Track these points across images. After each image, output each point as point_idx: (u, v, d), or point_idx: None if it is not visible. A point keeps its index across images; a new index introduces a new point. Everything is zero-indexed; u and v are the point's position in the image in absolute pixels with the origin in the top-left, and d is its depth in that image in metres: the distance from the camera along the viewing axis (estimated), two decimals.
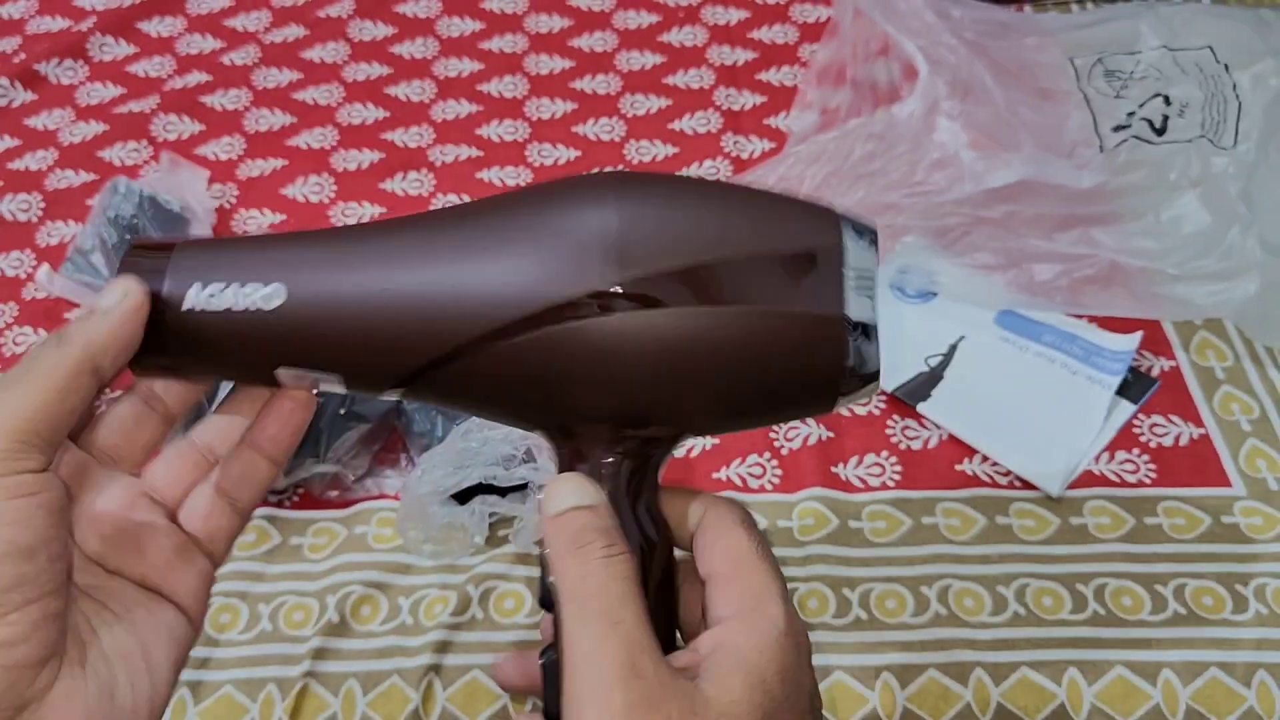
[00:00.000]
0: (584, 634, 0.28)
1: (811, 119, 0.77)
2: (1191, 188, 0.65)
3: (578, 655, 0.28)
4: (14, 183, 0.77)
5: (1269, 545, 0.56)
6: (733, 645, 0.29)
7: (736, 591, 0.31)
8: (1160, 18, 0.71)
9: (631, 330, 0.29)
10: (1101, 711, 0.50)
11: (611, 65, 0.84)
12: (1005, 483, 0.59)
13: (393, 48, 0.86)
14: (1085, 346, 0.63)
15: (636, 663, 0.28)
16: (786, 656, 0.30)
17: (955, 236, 0.66)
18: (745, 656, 0.29)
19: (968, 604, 0.54)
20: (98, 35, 0.86)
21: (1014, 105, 0.64)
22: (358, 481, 0.59)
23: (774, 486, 0.59)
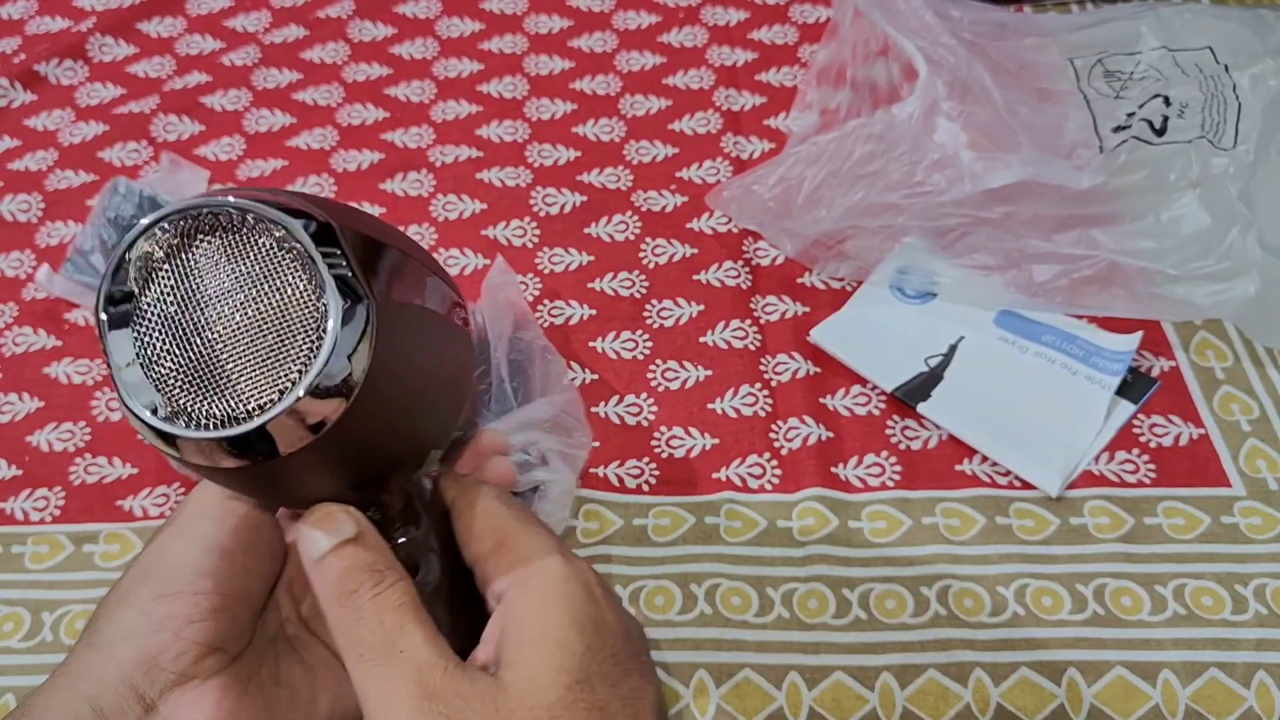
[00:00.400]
0: (370, 679, 0.27)
1: (811, 119, 0.77)
2: (1191, 188, 0.65)
3: (372, 702, 0.27)
4: (14, 183, 0.77)
5: (1269, 545, 0.56)
6: (515, 619, 0.28)
7: (505, 562, 0.29)
8: (1160, 18, 0.71)
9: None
10: (1101, 712, 0.50)
11: (611, 66, 0.84)
12: (1005, 483, 0.59)
13: (393, 48, 0.86)
14: (1085, 347, 0.63)
15: (427, 683, 0.26)
16: (576, 605, 0.28)
17: (955, 237, 0.66)
18: (530, 625, 0.28)
19: (967, 604, 0.54)
20: (98, 36, 0.86)
21: (1013, 106, 0.64)
22: None
23: (773, 486, 0.59)
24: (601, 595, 0.29)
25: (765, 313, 0.67)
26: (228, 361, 0.25)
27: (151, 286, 0.26)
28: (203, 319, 0.25)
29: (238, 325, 0.25)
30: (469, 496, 0.31)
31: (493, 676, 0.27)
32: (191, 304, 0.25)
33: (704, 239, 0.71)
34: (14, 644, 0.54)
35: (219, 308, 0.25)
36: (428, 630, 0.27)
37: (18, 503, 0.60)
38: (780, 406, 0.62)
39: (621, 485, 0.59)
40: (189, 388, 0.25)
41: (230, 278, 0.25)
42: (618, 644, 0.28)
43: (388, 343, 0.25)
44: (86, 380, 0.65)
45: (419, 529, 0.31)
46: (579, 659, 0.27)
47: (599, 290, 0.69)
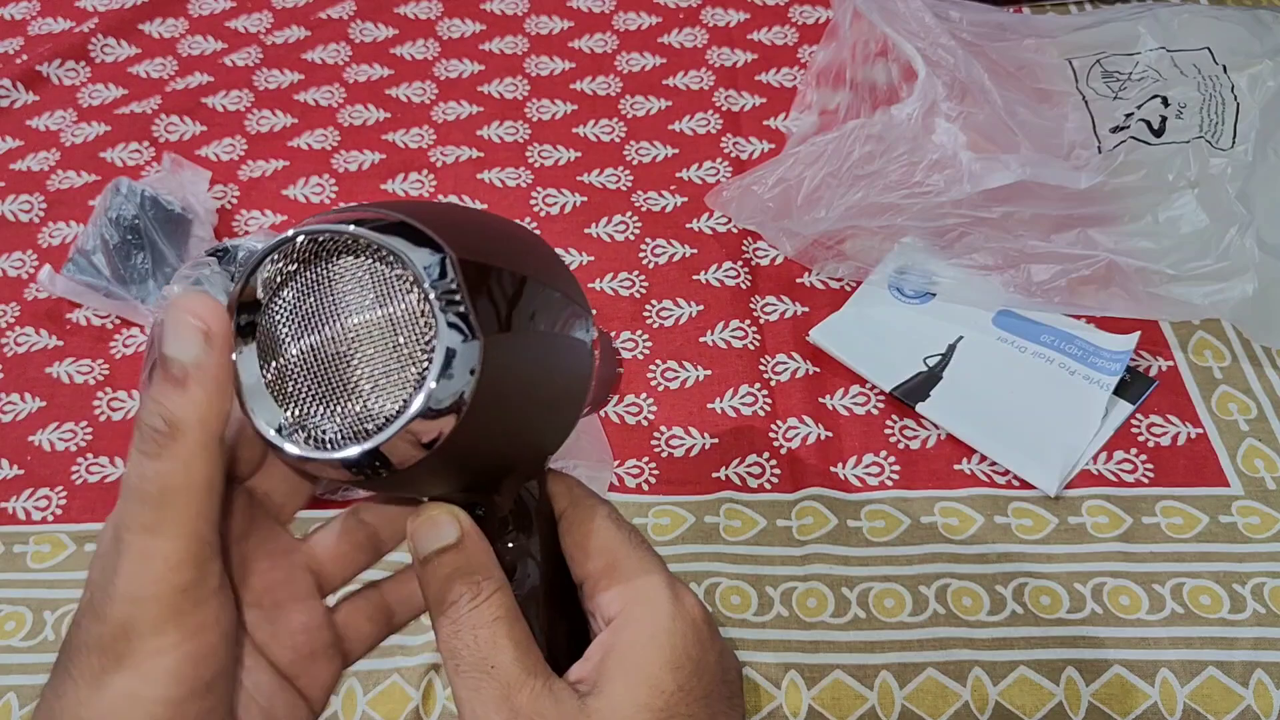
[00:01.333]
0: (462, 690, 0.28)
1: (811, 120, 0.77)
2: (1189, 188, 0.65)
3: (464, 714, 0.27)
4: (16, 183, 0.77)
5: (1266, 545, 0.56)
6: (615, 648, 0.28)
7: (615, 588, 0.30)
8: (1158, 19, 0.71)
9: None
10: (1099, 710, 0.50)
11: (612, 66, 0.84)
12: (1003, 482, 0.59)
13: (394, 49, 0.86)
14: (1083, 346, 0.63)
15: (513, 701, 0.27)
16: (677, 644, 0.28)
17: (953, 237, 0.66)
18: (627, 657, 0.28)
19: (966, 603, 0.54)
20: (99, 36, 0.87)
21: (1012, 106, 0.64)
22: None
23: (773, 486, 0.59)
24: (707, 635, 0.29)
25: (765, 312, 0.67)
26: (349, 378, 0.26)
27: (278, 300, 0.27)
28: (320, 337, 0.26)
29: (351, 344, 0.26)
30: (582, 511, 0.31)
31: (581, 700, 0.27)
32: (313, 321, 0.26)
33: (704, 239, 0.71)
34: (16, 643, 0.55)
35: (336, 326, 0.26)
36: (520, 645, 0.28)
37: (19, 502, 0.60)
38: (779, 406, 0.63)
39: (621, 485, 0.60)
40: (306, 401, 0.26)
41: (351, 300, 0.26)
42: (712, 686, 0.28)
43: (496, 370, 0.25)
44: (88, 380, 0.66)
45: (527, 532, 0.31)
46: (666, 698, 0.27)
47: (599, 290, 0.69)
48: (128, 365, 0.66)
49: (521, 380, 0.28)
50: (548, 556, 0.32)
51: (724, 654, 0.30)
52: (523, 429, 0.29)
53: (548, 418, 0.30)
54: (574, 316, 0.30)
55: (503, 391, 0.26)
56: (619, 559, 0.30)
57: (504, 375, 0.26)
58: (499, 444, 0.29)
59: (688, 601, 0.29)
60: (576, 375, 0.31)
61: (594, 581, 0.30)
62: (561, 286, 0.30)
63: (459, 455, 0.26)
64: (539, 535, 0.31)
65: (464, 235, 0.26)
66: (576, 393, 0.31)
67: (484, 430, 0.26)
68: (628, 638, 0.28)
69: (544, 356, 0.28)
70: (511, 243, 0.30)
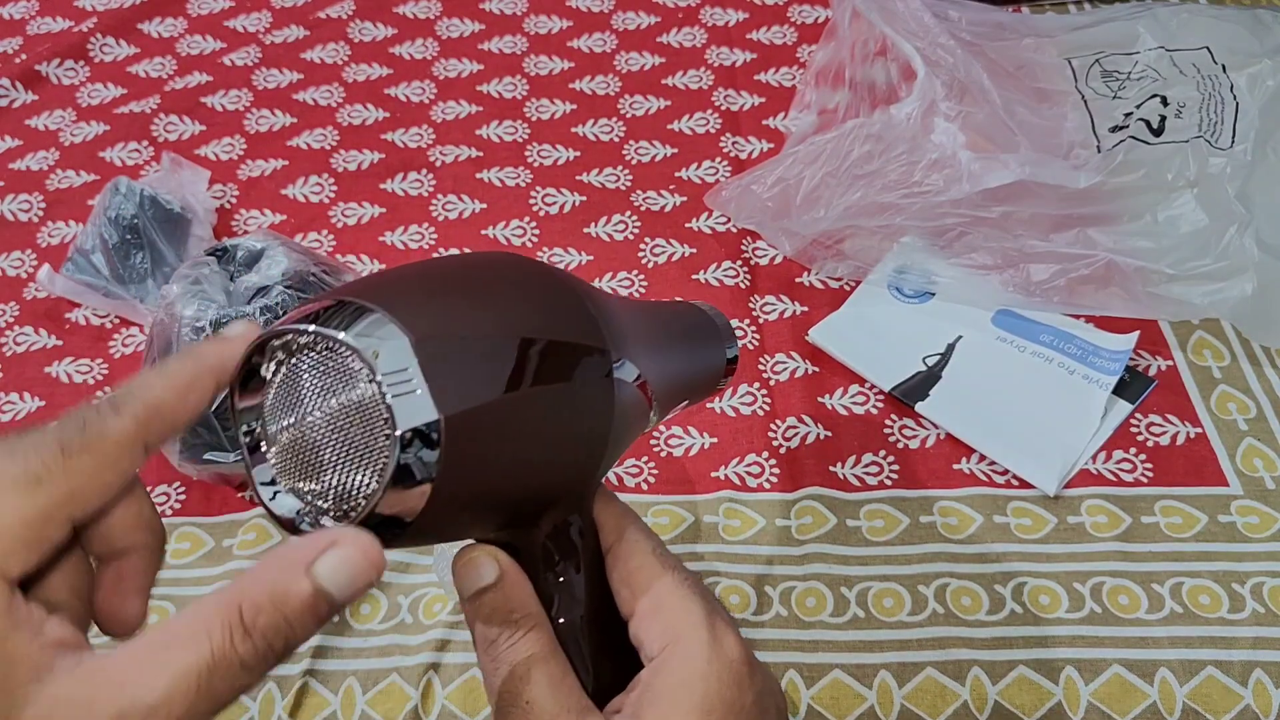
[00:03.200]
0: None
1: (810, 119, 0.77)
2: (1188, 188, 0.65)
3: None
4: (15, 183, 0.77)
5: (1265, 544, 0.56)
6: (652, 688, 0.29)
7: (657, 627, 0.30)
8: (1157, 19, 0.71)
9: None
10: (1098, 710, 0.50)
11: (611, 66, 0.84)
12: (1002, 482, 0.59)
13: (393, 49, 0.86)
14: (1082, 346, 0.63)
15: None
16: (711, 688, 0.29)
17: (953, 237, 0.66)
18: (660, 698, 0.28)
19: (965, 602, 0.54)
20: (99, 36, 0.87)
21: (1011, 106, 0.64)
22: None
23: (772, 485, 0.59)
24: (745, 676, 0.30)
25: (764, 312, 0.67)
26: (324, 463, 0.27)
27: (266, 400, 0.29)
28: (296, 430, 0.28)
29: (323, 434, 0.27)
30: (628, 546, 0.32)
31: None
32: (289, 414, 0.28)
33: (703, 239, 0.71)
34: None
35: (307, 420, 0.28)
36: (555, 681, 0.28)
37: None
38: (779, 405, 0.63)
39: (620, 484, 0.59)
40: (300, 485, 0.28)
41: (315, 395, 0.27)
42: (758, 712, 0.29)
43: (464, 439, 0.27)
44: (87, 379, 0.66)
45: (574, 565, 0.32)
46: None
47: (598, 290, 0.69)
48: (127, 365, 0.66)
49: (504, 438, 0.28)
50: (593, 589, 0.32)
51: (764, 694, 0.30)
52: (526, 476, 0.30)
53: (558, 460, 0.30)
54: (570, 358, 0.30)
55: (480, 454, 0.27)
56: (663, 600, 0.30)
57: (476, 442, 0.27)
58: (499, 496, 0.29)
59: (727, 642, 0.30)
60: (585, 413, 0.31)
61: (639, 619, 0.30)
62: (558, 330, 0.30)
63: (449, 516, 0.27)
64: (585, 568, 0.32)
65: (430, 308, 0.27)
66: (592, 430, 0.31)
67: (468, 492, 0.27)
68: (662, 679, 0.29)
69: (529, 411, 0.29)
70: (492, 299, 0.30)
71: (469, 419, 0.27)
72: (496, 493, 0.29)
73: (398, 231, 0.73)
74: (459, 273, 0.31)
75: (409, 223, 0.73)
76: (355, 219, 0.74)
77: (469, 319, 0.28)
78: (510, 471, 0.29)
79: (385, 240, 0.72)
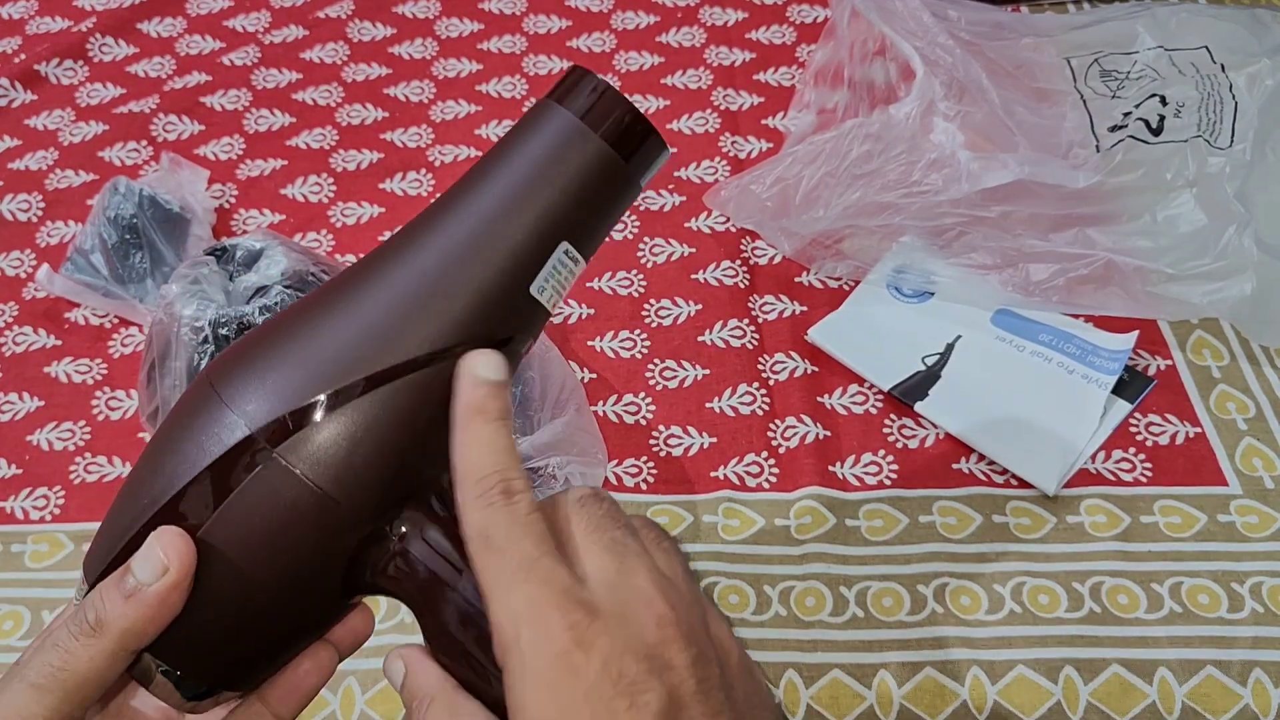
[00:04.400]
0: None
1: (809, 119, 0.77)
2: (1187, 187, 0.65)
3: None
4: (14, 183, 0.77)
5: (1265, 544, 0.56)
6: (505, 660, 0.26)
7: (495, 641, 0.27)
8: (1156, 18, 0.71)
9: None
10: (1097, 709, 0.50)
11: (610, 66, 0.84)
12: (1001, 481, 0.59)
13: (392, 48, 0.86)
14: (1081, 346, 0.63)
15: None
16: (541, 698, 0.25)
17: (952, 236, 0.66)
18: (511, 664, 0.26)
19: (964, 602, 0.54)
20: (98, 36, 0.87)
21: (1010, 106, 0.64)
22: None
23: (771, 485, 0.59)
24: (576, 657, 0.25)
25: (763, 312, 0.67)
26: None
27: None
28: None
29: None
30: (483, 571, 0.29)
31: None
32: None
33: (702, 238, 0.71)
34: (14, 642, 0.55)
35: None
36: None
37: (18, 501, 0.60)
38: (778, 405, 0.63)
39: (620, 484, 0.59)
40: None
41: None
42: (608, 683, 0.25)
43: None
44: (86, 380, 0.66)
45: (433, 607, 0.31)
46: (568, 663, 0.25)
47: (597, 289, 0.69)
48: (126, 364, 0.66)
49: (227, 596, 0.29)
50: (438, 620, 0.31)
51: (614, 653, 0.26)
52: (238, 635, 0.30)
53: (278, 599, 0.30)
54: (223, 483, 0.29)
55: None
56: (491, 607, 0.28)
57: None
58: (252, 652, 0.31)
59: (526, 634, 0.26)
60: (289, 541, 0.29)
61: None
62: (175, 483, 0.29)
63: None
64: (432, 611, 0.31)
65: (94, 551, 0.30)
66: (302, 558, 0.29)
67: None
68: (511, 704, 0.26)
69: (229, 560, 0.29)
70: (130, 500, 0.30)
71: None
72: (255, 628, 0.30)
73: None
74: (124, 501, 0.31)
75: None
76: (355, 219, 0.74)
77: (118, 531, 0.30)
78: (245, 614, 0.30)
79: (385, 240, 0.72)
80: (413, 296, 0.30)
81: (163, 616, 0.28)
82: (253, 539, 0.29)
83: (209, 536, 0.29)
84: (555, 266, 0.31)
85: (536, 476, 0.55)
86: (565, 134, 0.32)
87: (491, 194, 0.31)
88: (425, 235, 0.31)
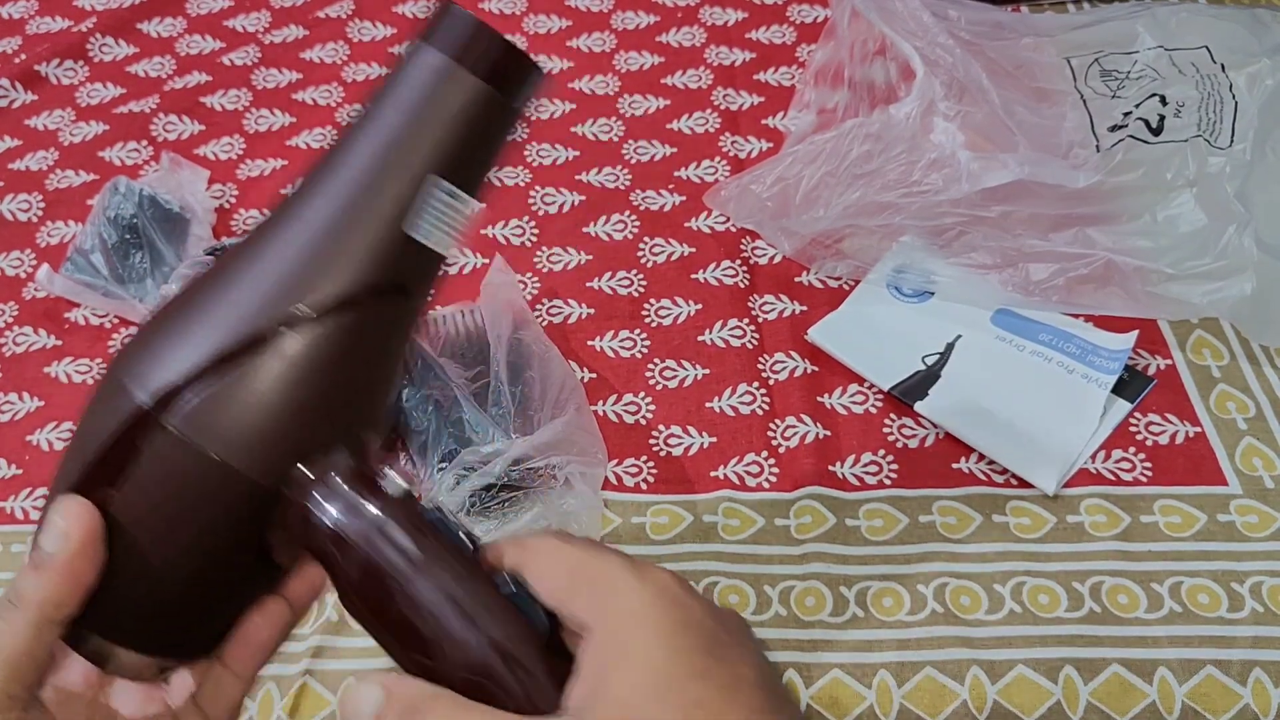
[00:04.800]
0: None
1: (809, 119, 0.77)
2: (1187, 187, 0.65)
3: None
4: (14, 183, 0.77)
5: (1265, 543, 0.56)
6: (596, 649, 0.28)
7: (581, 598, 0.29)
8: (1156, 18, 0.71)
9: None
10: (1097, 709, 0.50)
11: (610, 66, 0.84)
12: (1001, 481, 0.59)
13: (392, 48, 0.86)
14: (1081, 345, 0.63)
15: None
16: (654, 614, 0.27)
17: (952, 236, 0.66)
18: (609, 650, 0.27)
19: (964, 602, 0.54)
20: (98, 36, 0.87)
21: (1010, 105, 0.64)
22: None
23: (771, 485, 0.59)
24: (682, 593, 0.28)
25: (763, 311, 0.67)
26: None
27: None
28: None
29: None
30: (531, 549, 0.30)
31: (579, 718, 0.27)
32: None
33: (702, 238, 0.71)
34: None
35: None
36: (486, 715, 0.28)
37: (17, 502, 0.60)
38: (778, 405, 0.63)
39: (620, 484, 0.59)
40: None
41: None
42: (708, 638, 0.28)
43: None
44: (86, 379, 0.66)
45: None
46: (662, 666, 0.26)
47: (597, 289, 0.69)
48: None
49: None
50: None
51: (711, 607, 0.29)
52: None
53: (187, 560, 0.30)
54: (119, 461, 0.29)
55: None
56: (578, 571, 0.29)
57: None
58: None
59: (651, 574, 0.29)
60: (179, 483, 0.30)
61: (564, 604, 0.29)
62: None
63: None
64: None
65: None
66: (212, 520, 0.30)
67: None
68: (604, 633, 0.28)
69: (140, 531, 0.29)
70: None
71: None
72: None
73: None
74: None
75: None
76: None
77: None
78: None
79: None
80: (288, 258, 0.30)
81: (75, 583, 0.28)
82: (158, 508, 0.29)
83: (118, 510, 0.29)
84: (431, 204, 0.31)
85: (536, 476, 0.55)
86: (426, 69, 0.32)
87: (359, 141, 0.31)
88: (300, 196, 0.31)
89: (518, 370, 0.59)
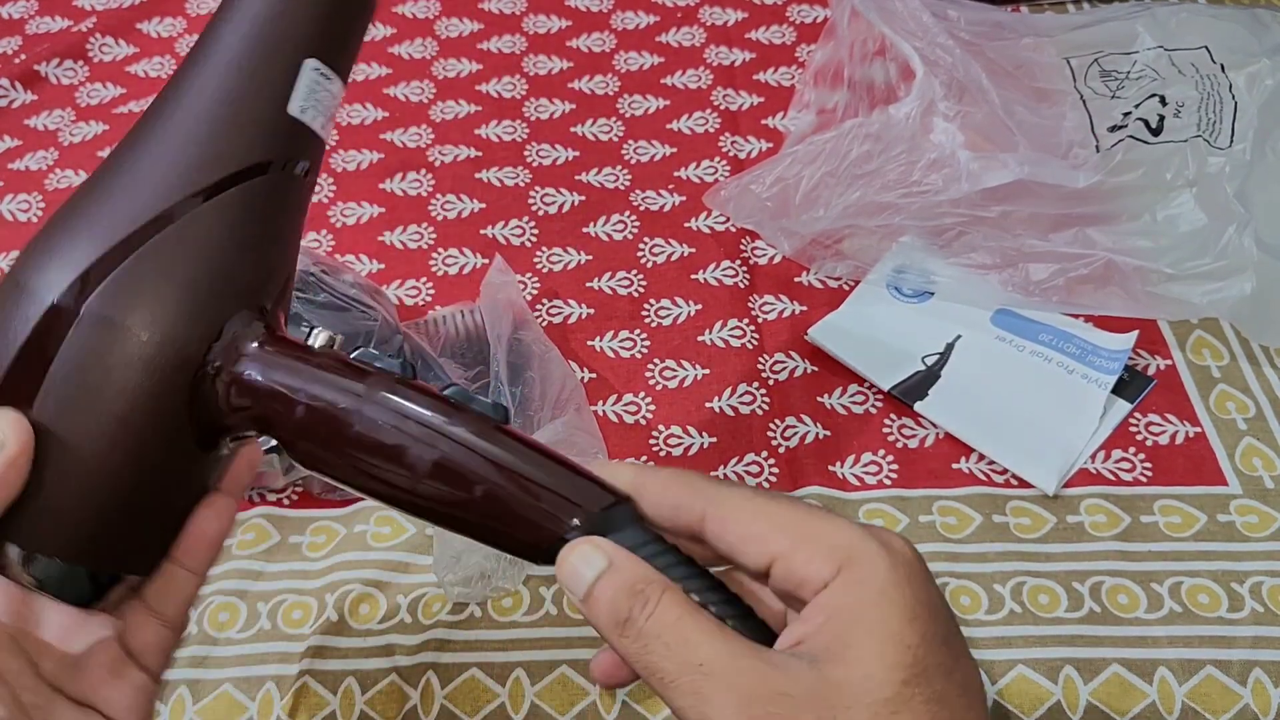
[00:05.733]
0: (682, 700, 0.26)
1: (809, 119, 0.77)
2: (1187, 187, 0.65)
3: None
4: (14, 183, 0.77)
5: (1265, 543, 0.56)
6: (842, 611, 0.26)
7: (812, 554, 0.27)
8: (1156, 18, 0.71)
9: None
10: (1097, 709, 0.50)
11: (610, 66, 0.84)
12: (1001, 481, 0.59)
13: (392, 48, 0.86)
14: (1081, 345, 0.63)
15: (741, 689, 0.25)
16: (908, 593, 0.26)
17: (952, 236, 0.66)
18: (861, 618, 0.26)
19: (964, 602, 0.54)
20: (98, 36, 0.87)
21: (1010, 105, 0.64)
22: None
23: (771, 485, 0.59)
24: (926, 574, 0.27)
25: (763, 312, 0.67)
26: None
27: None
28: None
29: None
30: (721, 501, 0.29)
31: (815, 671, 0.25)
32: None
33: (702, 238, 0.71)
34: None
35: None
36: (716, 633, 0.26)
37: None
38: (778, 405, 0.63)
39: None
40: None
41: None
42: (948, 627, 0.26)
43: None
44: None
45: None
46: (914, 652, 0.25)
47: (597, 289, 0.69)
48: None
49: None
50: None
51: (937, 593, 0.28)
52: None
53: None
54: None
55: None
56: (805, 529, 0.28)
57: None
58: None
59: (896, 544, 0.27)
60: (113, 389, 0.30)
61: (786, 558, 0.28)
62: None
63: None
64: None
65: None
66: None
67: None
68: (854, 598, 0.26)
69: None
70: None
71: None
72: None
73: (396, 231, 0.73)
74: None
75: (408, 222, 0.73)
76: (354, 219, 0.74)
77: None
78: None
79: (384, 240, 0.72)
80: (180, 143, 0.32)
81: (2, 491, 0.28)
82: (81, 401, 0.30)
83: (41, 415, 0.29)
84: (308, 85, 0.33)
85: None
86: None
87: (234, 32, 0.33)
88: (180, 87, 0.34)
89: (518, 370, 0.59)
